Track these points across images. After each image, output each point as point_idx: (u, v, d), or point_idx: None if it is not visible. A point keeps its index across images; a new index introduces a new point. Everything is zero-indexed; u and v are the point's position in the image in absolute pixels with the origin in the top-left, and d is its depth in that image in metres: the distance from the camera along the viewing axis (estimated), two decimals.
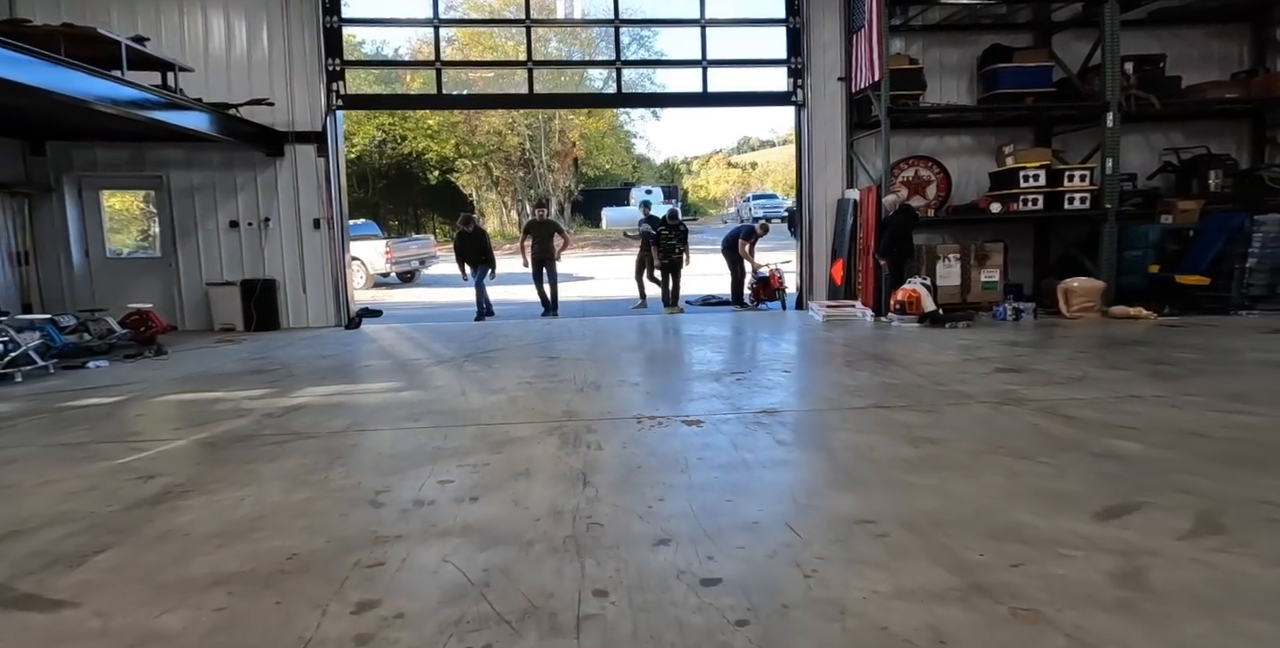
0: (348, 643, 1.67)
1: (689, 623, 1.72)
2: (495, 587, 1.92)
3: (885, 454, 3.07)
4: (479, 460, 3.09)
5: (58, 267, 8.12)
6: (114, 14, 8.40)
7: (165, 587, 1.94)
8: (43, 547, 2.20)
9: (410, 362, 6.06)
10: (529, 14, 10.01)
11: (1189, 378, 4.31)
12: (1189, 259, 7.80)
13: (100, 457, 3.21)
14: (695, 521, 2.36)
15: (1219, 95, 8.73)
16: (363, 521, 2.43)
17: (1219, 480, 2.51)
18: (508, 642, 1.66)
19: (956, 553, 2.05)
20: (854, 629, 1.68)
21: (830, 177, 9.80)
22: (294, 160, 8.93)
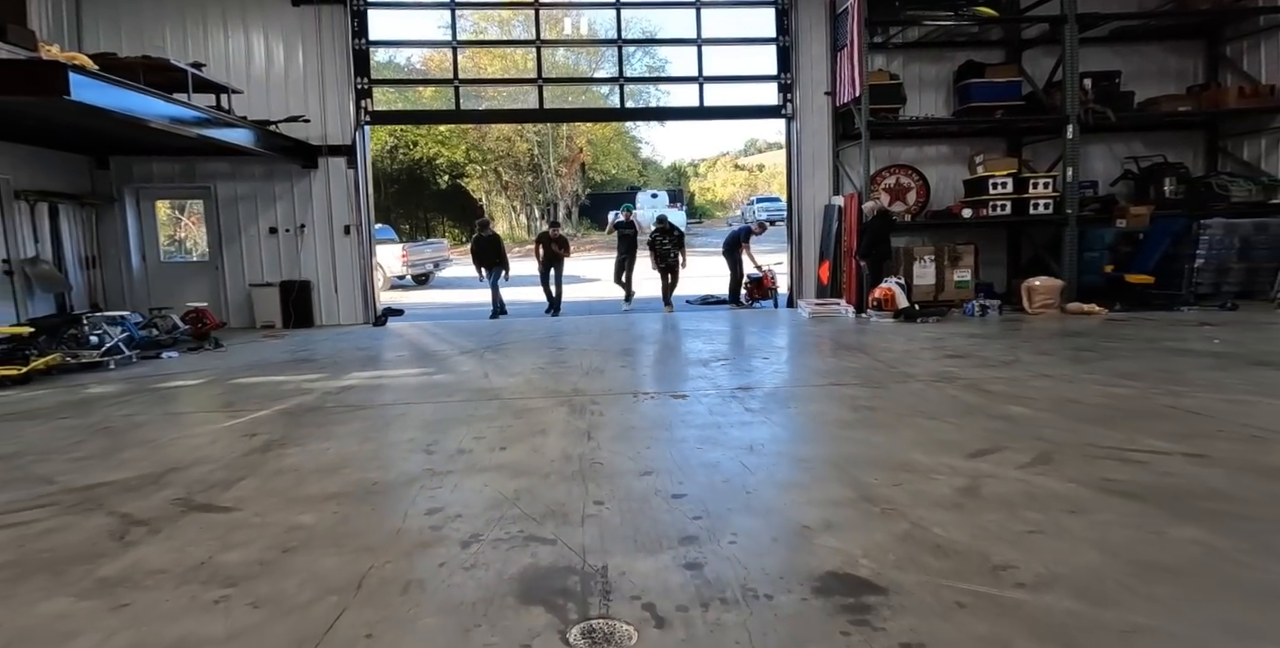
0: (426, 530, 2.44)
1: (659, 518, 2.49)
2: (523, 500, 2.70)
3: (829, 418, 3.84)
4: (504, 423, 3.87)
5: (119, 270, 8.98)
6: (169, 38, 9.26)
7: (293, 500, 2.73)
8: (198, 477, 3.00)
9: (436, 352, 6.87)
10: (539, 35, 10.81)
11: (1098, 362, 5.05)
12: (1138, 260, 8.51)
13: (208, 422, 4.01)
14: (671, 461, 3.13)
15: (1173, 108, 9.42)
16: (420, 462, 3.21)
17: (1069, 433, 3.27)
18: (534, 529, 2.43)
19: (859, 479, 2.81)
20: (773, 521, 2.44)
21: (818, 184, 10.54)
22: (326, 172, 9.76)
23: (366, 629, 1.76)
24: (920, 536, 2.23)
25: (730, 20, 11.70)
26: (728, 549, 2.18)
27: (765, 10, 10.61)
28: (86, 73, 5.03)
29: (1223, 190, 9.05)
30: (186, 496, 2.75)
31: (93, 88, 5.14)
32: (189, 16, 9.42)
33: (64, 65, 4.81)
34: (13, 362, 5.09)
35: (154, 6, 9.29)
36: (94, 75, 5.15)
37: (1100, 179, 10.05)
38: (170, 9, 9.35)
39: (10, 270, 7.19)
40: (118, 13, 9.18)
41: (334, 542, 2.31)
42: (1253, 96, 8.94)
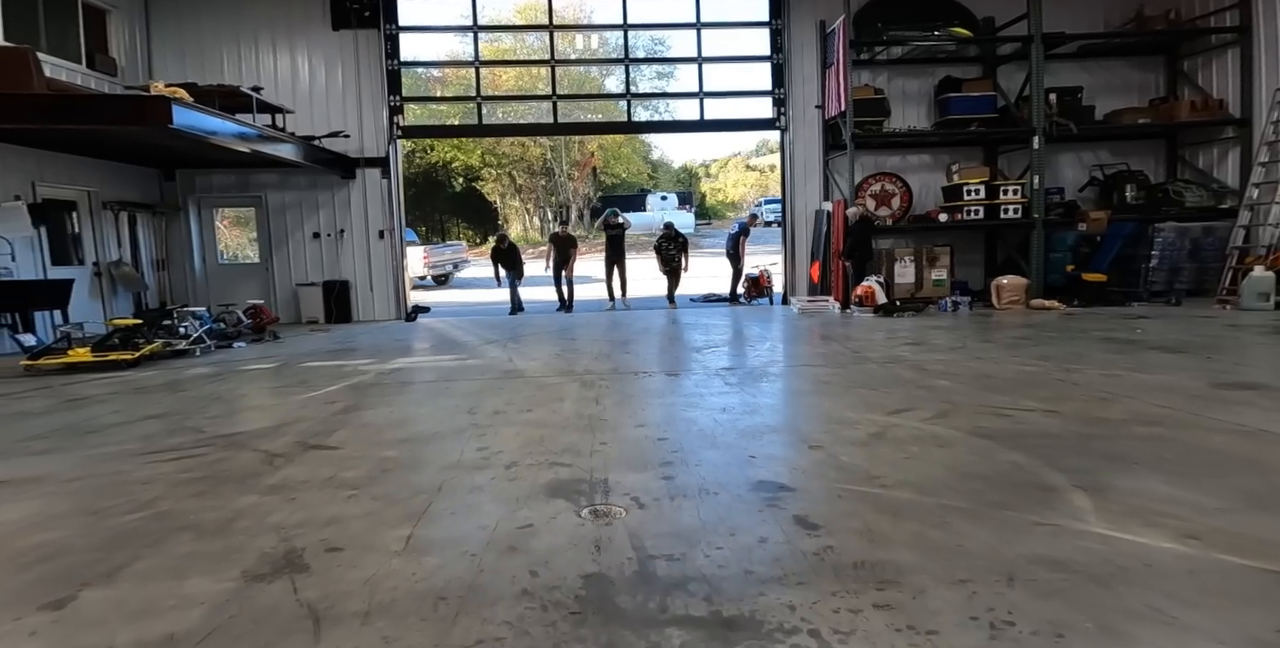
0: (478, 459, 3.35)
1: (646, 452, 3.39)
2: (546, 442, 3.61)
3: (792, 389, 4.73)
4: (528, 393, 4.79)
5: (183, 271, 10.03)
6: (225, 59, 10.28)
7: (377, 442, 3.67)
8: (303, 429, 3.94)
9: (465, 342, 7.82)
10: (553, 55, 11.75)
11: (1027, 347, 5.90)
12: (1095, 260, 9.30)
13: (294, 393, 4.97)
14: (659, 418, 4.03)
15: (1134, 120, 10.19)
16: (466, 419, 4.13)
17: (971, 398, 4.14)
18: (555, 458, 3.33)
19: (799, 428, 3.71)
20: (729, 454, 3.32)
21: (810, 191, 11.41)
22: (363, 182, 10.75)
23: (450, 511, 2.67)
24: (830, 461, 3.12)
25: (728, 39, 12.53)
26: (693, 469, 3.08)
27: (760, 30, 11.48)
28: (183, 103, 6.02)
29: (1178, 197, 9.82)
30: (301, 440, 3.69)
31: (186, 115, 6.12)
32: (243, 41, 10.44)
33: (169, 98, 5.79)
34: (126, 348, 6.09)
35: (213, 32, 10.31)
36: (188, 105, 6.14)
37: (1069, 185, 10.84)
38: (226, 35, 10.37)
39: (99, 272, 8.22)
40: (182, 39, 10.22)
41: (414, 467, 3.24)
42: (1203, 110, 9.71)
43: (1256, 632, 1.60)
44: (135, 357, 6.06)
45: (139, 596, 1.94)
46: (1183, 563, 1.94)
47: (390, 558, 2.19)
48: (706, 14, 11.48)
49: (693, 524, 2.41)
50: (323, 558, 2.19)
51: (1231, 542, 2.04)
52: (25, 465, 3.27)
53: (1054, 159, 10.78)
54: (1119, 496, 2.46)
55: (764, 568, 2.03)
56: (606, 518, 2.51)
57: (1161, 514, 2.27)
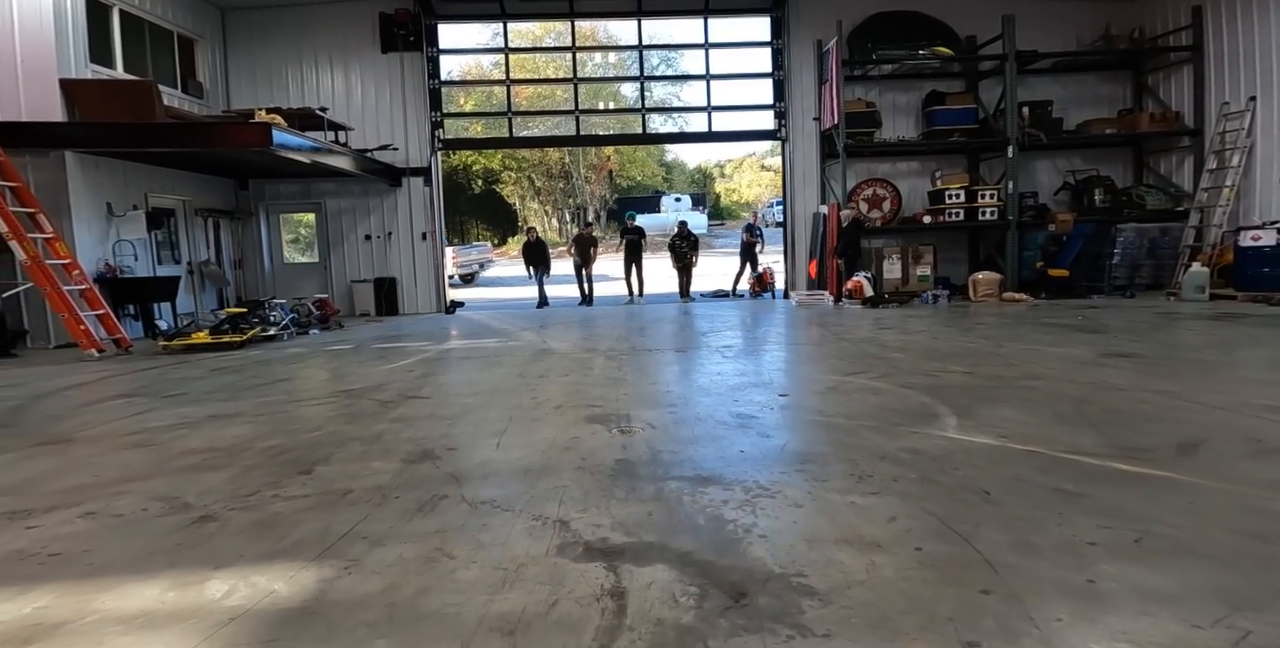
0: (534, 404, 4.51)
1: (657, 398, 4.53)
2: (582, 393, 4.76)
3: (775, 360, 5.86)
4: (565, 364, 5.96)
5: (255, 269, 11.35)
6: (289, 79, 11.56)
7: (456, 395, 4.85)
8: (397, 388, 5.13)
9: (504, 330, 9.02)
10: (576, 73, 12.92)
11: (979, 330, 6.97)
12: (1060, 258, 10.29)
13: (378, 365, 6.19)
14: (667, 378, 5.18)
15: (1102, 130, 11.16)
16: (518, 381, 5.30)
17: (912, 364, 5.24)
18: (590, 402, 4.48)
19: (776, 385, 4.83)
20: (718, 399, 4.45)
21: (809, 196, 12.48)
22: (408, 189, 12.00)
23: (521, 431, 3.83)
24: (792, 403, 4.25)
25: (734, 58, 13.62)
26: (690, 408, 4.21)
27: (763, 49, 12.58)
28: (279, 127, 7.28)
29: (1140, 200, 10.78)
30: (400, 394, 4.88)
31: (281, 136, 7.38)
32: (304, 63, 11.72)
33: (269, 125, 7.05)
34: (235, 332, 7.35)
35: (280, 56, 11.60)
36: (281, 127, 7.40)
37: (1045, 190, 11.82)
38: (291, 58, 11.64)
39: (192, 270, 9.53)
40: (254, 63, 11.51)
41: (488, 408, 4.41)
42: (1162, 121, 10.65)
43: (1008, 480, 2.71)
44: (243, 339, 7.32)
45: (347, 470, 3.11)
46: (987, 450, 3.05)
47: (489, 452, 3.35)
48: (714, 36, 12.60)
49: (688, 436, 3.56)
50: (446, 453, 3.36)
51: (1025, 440, 3.14)
52: (220, 408, 4.48)
53: (1031, 165, 11.77)
54: (976, 419, 3.57)
55: (732, 456, 3.17)
56: (629, 434, 3.66)
57: (995, 427, 3.38)
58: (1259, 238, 8.55)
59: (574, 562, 2.03)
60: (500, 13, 12.37)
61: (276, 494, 2.73)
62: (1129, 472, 2.61)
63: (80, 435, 3.84)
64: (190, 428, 3.91)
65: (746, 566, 1.96)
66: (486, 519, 2.39)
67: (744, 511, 2.41)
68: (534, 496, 2.63)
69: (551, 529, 2.29)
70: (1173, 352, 5.56)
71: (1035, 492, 2.44)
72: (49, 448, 3.59)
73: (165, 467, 3.15)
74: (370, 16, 11.79)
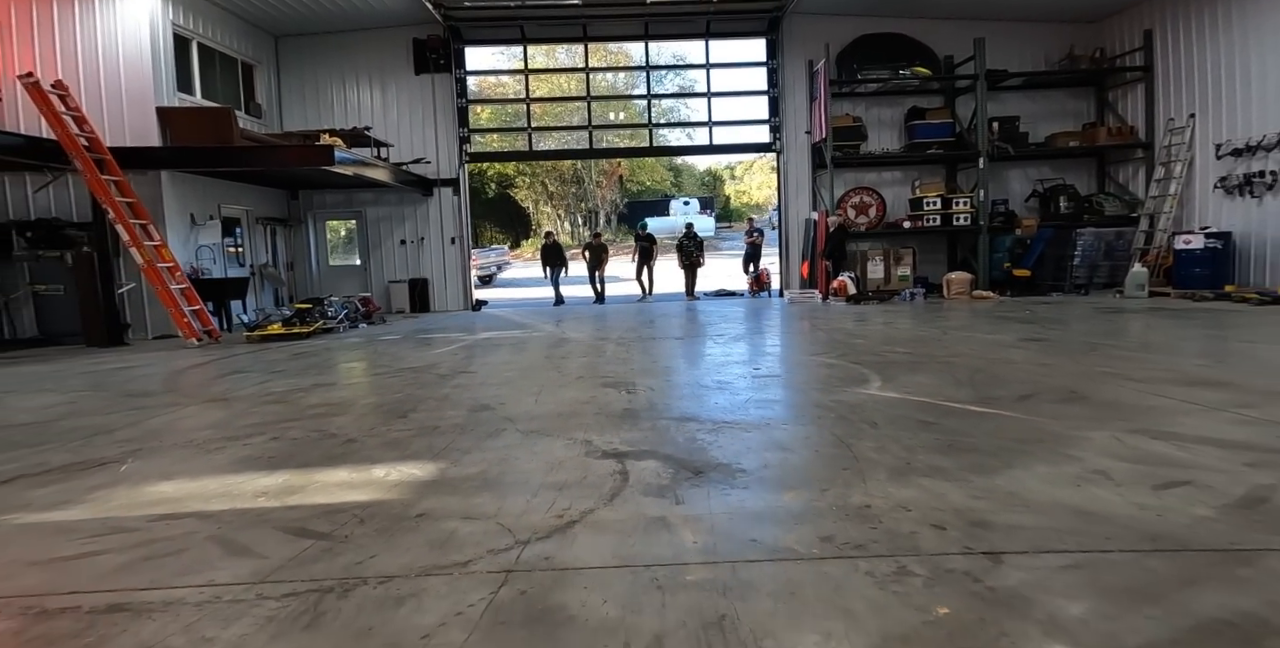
0: (560, 375, 5.67)
1: (656, 370, 5.67)
2: (598, 368, 5.91)
3: (757, 345, 6.99)
4: (581, 349, 7.12)
5: (304, 271, 12.61)
6: (334, 98, 12.80)
7: (497, 371, 6.03)
8: (446, 367, 6.31)
9: (527, 323, 10.19)
10: (589, 93, 14.08)
11: (936, 322, 8.06)
12: (1024, 259, 11.34)
13: (427, 350, 7.38)
14: (667, 358, 6.33)
15: (1066, 143, 12.18)
16: (545, 361, 6.47)
17: (867, 347, 6.36)
18: (604, 374, 5.63)
19: (752, 362, 5.96)
20: (704, 372, 5.60)
21: (801, 203, 13.57)
22: (438, 198, 13.20)
23: (551, 392, 4.97)
24: (760, 374, 5.38)
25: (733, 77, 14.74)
26: (682, 377, 5.35)
27: (759, 69, 13.68)
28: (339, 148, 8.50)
29: (1099, 207, 11.80)
30: (451, 370, 6.06)
31: (338, 155, 8.60)
32: (347, 84, 12.95)
33: (331, 147, 8.27)
34: (303, 324, 8.58)
35: (325, 79, 12.84)
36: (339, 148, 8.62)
37: (1016, 197, 12.85)
38: (335, 80, 12.88)
39: (254, 273, 10.79)
40: (303, 84, 12.76)
41: (525, 379, 5.57)
42: (1118, 135, 11.67)
43: (893, 416, 3.82)
44: (309, 330, 8.55)
45: (431, 416, 4.27)
46: (891, 400, 4.17)
47: (530, 405, 4.51)
48: (715, 56, 13.73)
49: (677, 395, 4.70)
50: (499, 405, 4.52)
51: (920, 395, 4.26)
52: (318, 380, 5.68)
53: (1004, 175, 12.81)
54: (895, 382, 4.69)
55: (708, 406, 4.31)
56: (633, 394, 4.81)
57: (905, 387, 4.50)
58: (1190, 242, 9.56)
59: (595, 459, 3.18)
60: (521, 37, 13.55)
61: (389, 429, 3.91)
62: (974, 411, 3.73)
63: (230, 396, 5.05)
64: (305, 392, 5.11)
65: (705, 460, 3.10)
66: (535, 440, 3.55)
67: (710, 435, 3.55)
68: (566, 427, 3.79)
69: (579, 445, 3.44)
70: (1076, 337, 6.61)
71: (906, 423, 3.57)
72: (215, 404, 4.81)
73: (302, 414, 4.34)
74: (405, 41, 13.00)
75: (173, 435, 3.91)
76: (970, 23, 12.41)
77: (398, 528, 2.37)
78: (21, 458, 3.51)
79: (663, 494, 2.62)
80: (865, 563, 1.95)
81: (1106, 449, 2.90)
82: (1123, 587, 1.75)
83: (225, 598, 1.87)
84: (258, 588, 1.93)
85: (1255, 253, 9.49)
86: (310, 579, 1.97)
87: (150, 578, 2.01)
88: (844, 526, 2.23)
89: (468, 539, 2.23)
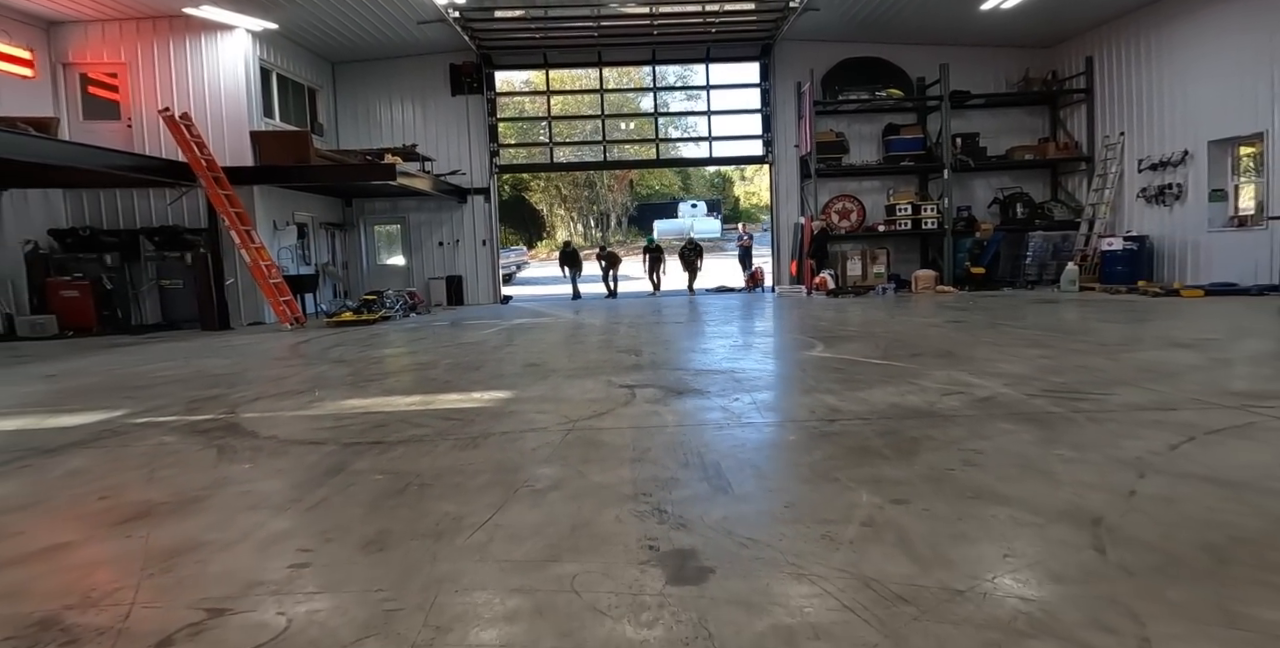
0: (583, 349, 7.34)
1: (658, 343, 7.31)
2: (614, 343, 7.55)
3: (744, 328, 8.64)
4: (599, 330, 8.77)
5: (357, 269, 14.36)
6: (382, 117, 14.53)
7: (534, 344, 7.70)
8: (494, 342, 7.99)
9: (550, 313, 11.87)
10: (604, 111, 15.75)
11: (893, 310, 9.66)
12: (981, 259, 12.89)
13: (475, 332, 9.07)
14: (667, 335, 7.97)
15: (1022, 156, 13.71)
16: (571, 337, 8.13)
17: (830, 327, 7.97)
18: (619, 346, 7.28)
19: (733, 337, 7.60)
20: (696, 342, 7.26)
21: (791, 209, 15.16)
22: (471, 205, 14.90)
23: (579, 356, 6.62)
24: (739, 343, 7.03)
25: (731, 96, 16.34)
26: (677, 346, 6.98)
27: (754, 90, 15.28)
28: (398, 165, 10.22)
29: (1049, 212, 13.33)
30: (498, 346, 7.74)
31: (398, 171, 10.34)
32: (393, 104, 14.65)
33: (394, 165, 9.98)
34: (370, 312, 10.31)
35: (375, 100, 14.55)
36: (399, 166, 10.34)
37: (980, 204, 14.37)
38: (383, 100, 14.58)
39: (318, 270, 12.55)
40: (355, 105, 14.49)
41: (557, 349, 7.23)
42: (1065, 149, 13.19)
43: (820, 367, 5.45)
44: (374, 318, 10.28)
45: (496, 369, 5.94)
46: (824, 358, 5.79)
47: (566, 363, 6.16)
48: (714, 78, 15.34)
49: (674, 356, 6.35)
50: (542, 364, 6.17)
51: (847, 355, 5.88)
52: (402, 350, 7.37)
53: (969, 183, 14.34)
54: (833, 348, 6.32)
55: (694, 362, 5.96)
56: (640, 356, 6.46)
57: (838, 351, 6.12)
58: (1112, 244, 11.08)
59: (614, 388, 4.82)
60: (544, 63, 15.22)
61: (470, 376, 5.59)
62: (874, 363, 5.37)
63: (346, 359, 6.75)
64: (398, 357, 6.81)
65: (685, 388, 4.75)
66: (573, 380, 5.20)
67: (692, 378, 5.19)
68: (593, 373, 5.45)
69: (603, 382, 5.09)
70: (989, 320, 8.15)
71: (826, 370, 5.20)
72: (340, 364, 6.51)
73: (404, 369, 6.04)
74: (443, 67, 14.69)
75: (328, 380, 5.61)
76: (939, 48, 13.94)
77: (501, 415, 4.05)
78: (247, 389, 5.22)
79: (656, 402, 4.28)
80: (757, 424, 3.61)
81: (936, 379, 4.53)
82: (886, 423, 3.39)
83: (425, 441, 3.54)
84: (440, 437, 3.60)
85: (1168, 253, 11.00)
86: (464, 435, 3.64)
87: (378, 435, 3.69)
88: (758, 412, 3.89)
89: (543, 420, 3.90)
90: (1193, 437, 2.99)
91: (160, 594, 1.88)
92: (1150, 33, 11.43)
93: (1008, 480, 2.54)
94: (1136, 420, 3.31)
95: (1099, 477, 2.54)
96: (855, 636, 1.54)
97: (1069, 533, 2.05)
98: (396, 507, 2.52)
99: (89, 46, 10.48)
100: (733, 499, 2.48)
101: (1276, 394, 3.83)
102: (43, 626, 1.73)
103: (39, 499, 2.81)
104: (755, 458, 3.04)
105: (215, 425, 3.98)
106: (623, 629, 1.61)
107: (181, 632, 1.68)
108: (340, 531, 2.30)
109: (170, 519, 2.47)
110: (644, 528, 2.22)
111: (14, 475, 3.16)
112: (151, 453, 3.46)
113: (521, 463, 3.04)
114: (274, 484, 2.88)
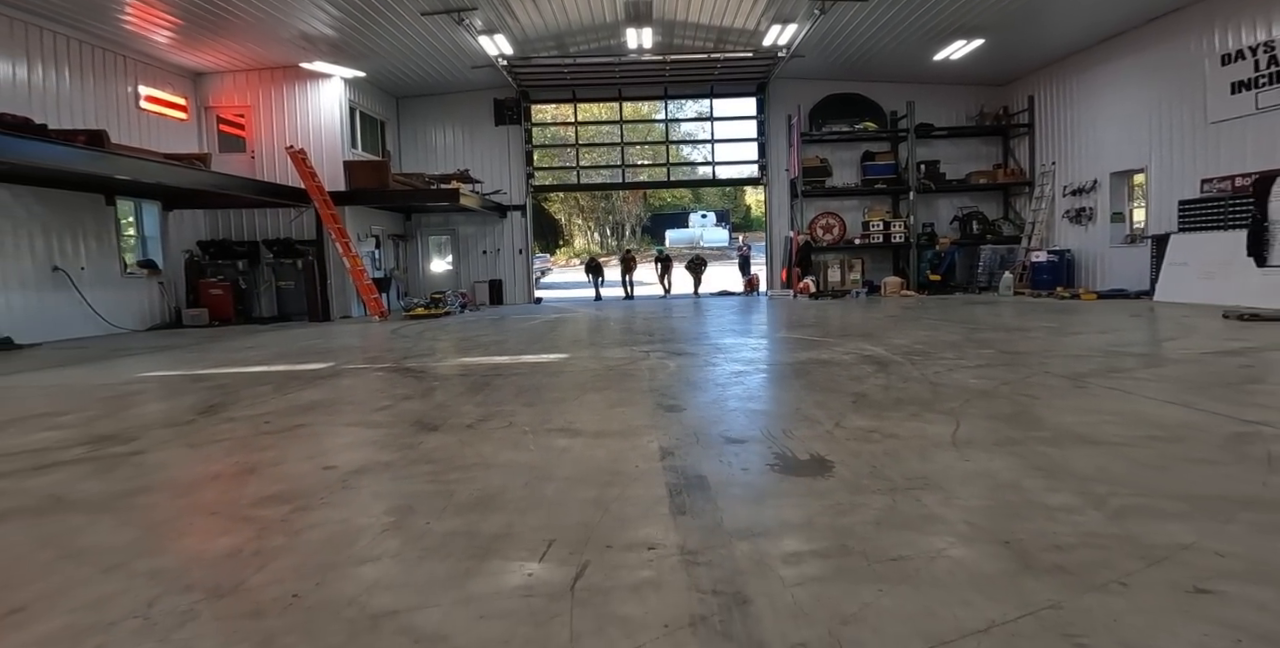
0: (604, 336, 9.73)
1: (666, 335, 9.69)
2: (629, 332, 9.93)
3: (732, 322, 11.00)
4: (616, 322, 11.15)
5: (414, 274, 16.88)
6: (434, 142, 17.07)
7: (569, 331, 10.10)
8: (539, 331, 10.40)
9: (577, 310, 14.29)
10: (623, 138, 18.21)
11: (857, 309, 11.98)
12: (938, 267, 15.16)
13: (522, 323, 11.48)
14: (673, 328, 10.34)
15: (979, 180, 15.97)
16: (596, 327, 10.51)
17: (799, 319, 10.34)
18: (633, 338, 9.66)
19: (727, 328, 9.97)
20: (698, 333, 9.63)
21: (782, 224, 17.50)
22: (510, 220, 17.38)
23: (605, 338, 9.01)
24: (723, 330, 9.40)
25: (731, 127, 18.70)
26: (681, 332, 9.34)
27: (751, 121, 17.67)
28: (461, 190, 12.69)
29: (999, 229, 15.57)
30: (544, 333, 10.13)
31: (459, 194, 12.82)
32: (446, 133, 17.16)
33: (457, 189, 12.45)
34: (438, 307, 12.76)
35: (431, 129, 17.08)
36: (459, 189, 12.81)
37: (942, 221, 16.64)
38: (437, 129, 17.11)
39: (388, 275, 15.07)
40: (414, 133, 17.04)
41: (588, 334, 9.61)
42: (1012, 175, 15.44)
43: (777, 342, 7.80)
44: (441, 312, 12.74)
45: (551, 343, 8.33)
46: (783, 337, 8.14)
47: (600, 340, 8.56)
48: (717, 111, 17.74)
49: (676, 336, 8.71)
50: (582, 340, 8.58)
51: (800, 334, 8.21)
52: (474, 333, 9.77)
53: (935, 203, 16.61)
54: (793, 330, 8.65)
55: (690, 341, 8.33)
56: (652, 336, 8.84)
57: (795, 333, 8.46)
58: (1039, 256, 13.32)
59: (636, 352, 7.21)
60: (572, 98, 17.70)
61: (534, 347, 8.00)
62: (811, 339, 7.73)
63: (441, 338, 9.18)
64: (475, 337, 9.23)
65: (682, 352, 7.12)
66: (607, 348, 7.59)
67: (688, 347, 7.56)
68: (619, 345, 7.84)
69: (627, 350, 7.47)
70: (919, 315, 10.44)
71: (779, 343, 7.55)
72: (439, 341, 8.95)
73: (486, 344, 8.45)
74: (488, 101, 17.19)
75: (444, 348, 8.03)
76: (908, 85, 16.23)
77: (566, 364, 6.46)
78: (391, 354, 7.65)
79: (665, 358, 6.66)
80: (722, 367, 6.00)
81: (843, 348, 6.87)
82: (800, 366, 5.74)
83: (527, 375, 5.94)
84: (534, 372, 6.00)
85: (1084, 264, 13.20)
86: (548, 371, 6.04)
87: (497, 372, 6.10)
88: (725, 363, 6.28)
89: (593, 366, 6.28)
90: (955, 369, 5.33)
91: (468, 411, 4.31)
92: (1074, 77, 13.69)
93: (854, 381, 4.90)
94: (936, 364, 5.65)
95: (893, 381, 4.89)
96: (736, 395, 3.93)
97: (846, 398, 4.42)
98: (531, 396, 4.92)
99: (224, 92, 13.07)
100: (700, 392, 4.86)
101: (1026, 351, 6.15)
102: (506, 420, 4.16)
103: (344, 396, 5.24)
104: (717, 379, 5.41)
105: (396, 369, 6.43)
106: (643, 423, 4.00)
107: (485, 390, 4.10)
108: (505, 403, 4.71)
109: (426, 399, 4.88)
110: (655, 399, 4.60)
111: (316, 386, 5.61)
112: (380, 378, 5.91)
113: (586, 382, 5.44)
114: (460, 388, 5.29)
